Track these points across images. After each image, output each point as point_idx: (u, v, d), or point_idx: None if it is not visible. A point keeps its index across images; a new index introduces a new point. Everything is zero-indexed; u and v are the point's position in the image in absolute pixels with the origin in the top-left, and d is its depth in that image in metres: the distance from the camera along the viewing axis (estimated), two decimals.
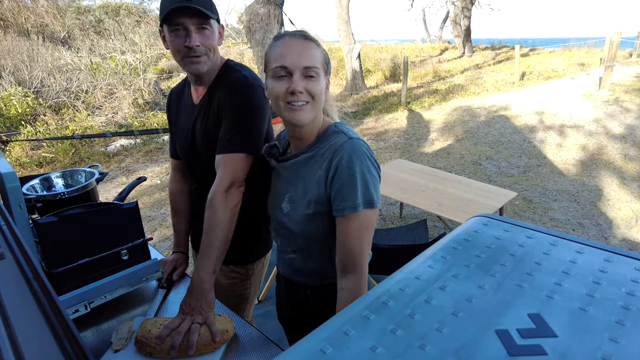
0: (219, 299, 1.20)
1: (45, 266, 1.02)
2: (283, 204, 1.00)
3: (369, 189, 0.88)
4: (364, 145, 0.91)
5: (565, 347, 0.46)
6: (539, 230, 0.72)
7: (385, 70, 10.65)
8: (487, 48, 14.70)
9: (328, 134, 0.95)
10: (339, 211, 0.89)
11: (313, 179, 0.94)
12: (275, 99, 0.90)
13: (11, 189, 0.94)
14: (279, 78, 0.88)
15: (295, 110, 0.89)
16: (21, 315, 0.48)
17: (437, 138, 6.07)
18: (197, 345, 0.92)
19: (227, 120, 1.13)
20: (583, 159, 4.97)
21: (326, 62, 0.94)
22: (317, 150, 0.95)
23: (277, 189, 1.05)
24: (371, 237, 0.93)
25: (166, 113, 1.39)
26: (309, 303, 1.07)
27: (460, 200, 2.70)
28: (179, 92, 1.32)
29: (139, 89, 8.66)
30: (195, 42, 1.07)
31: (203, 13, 1.06)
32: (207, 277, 1.04)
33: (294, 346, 0.49)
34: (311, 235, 0.97)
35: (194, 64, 1.11)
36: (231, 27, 18.63)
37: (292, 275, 1.08)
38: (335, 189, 0.89)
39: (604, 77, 7.24)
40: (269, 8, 5.48)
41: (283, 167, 1.03)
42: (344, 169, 0.87)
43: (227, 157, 1.11)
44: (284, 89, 0.88)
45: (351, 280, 0.90)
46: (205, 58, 1.11)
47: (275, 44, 0.91)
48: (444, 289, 0.57)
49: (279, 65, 0.87)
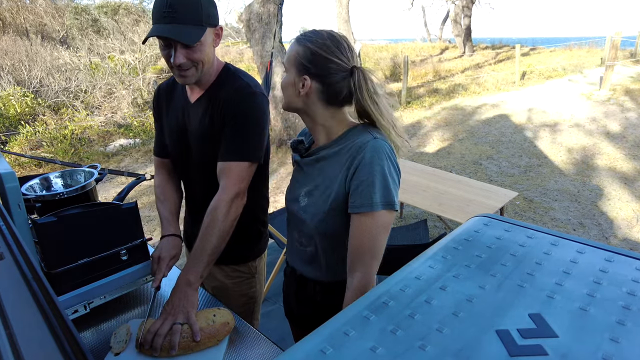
0: (225, 301, 1.20)
1: (44, 266, 1.01)
2: (301, 197, 1.02)
3: (389, 190, 0.88)
4: (388, 147, 0.91)
5: (566, 347, 0.46)
6: (540, 230, 0.72)
7: (386, 69, 10.65)
8: (487, 47, 14.69)
9: (355, 133, 0.97)
10: (355, 208, 0.89)
11: (334, 175, 0.95)
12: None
13: (10, 189, 0.94)
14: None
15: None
16: (20, 315, 0.48)
17: (438, 138, 6.07)
18: (201, 338, 0.93)
19: (231, 128, 1.12)
20: (584, 158, 4.97)
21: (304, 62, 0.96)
22: (342, 147, 0.96)
23: (297, 182, 1.08)
24: (386, 239, 0.92)
25: (153, 109, 1.35)
26: (317, 300, 1.07)
27: (460, 200, 2.70)
28: (168, 89, 1.29)
29: (138, 88, 8.66)
30: (179, 60, 1.05)
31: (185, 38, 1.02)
32: (194, 280, 1.04)
33: (294, 346, 0.49)
34: (325, 231, 0.98)
35: (180, 77, 1.10)
36: (230, 26, 18.61)
37: (302, 268, 1.09)
38: (354, 185, 0.89)
39: (605, 77, 7.24)
40: (268, 7, 5.48)
41: (306, 162, 1.05)
42: (365, 166, 0.87)
43: (233, 165, 1.11)
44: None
45: (358, 279, 0.90)
46: (193, 71, 1.09)
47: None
48: (444, 289, 0.57)
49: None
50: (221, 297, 1.26)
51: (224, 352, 0.94)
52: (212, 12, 1.09)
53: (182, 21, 1.02)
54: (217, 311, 1.01)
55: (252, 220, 1.28)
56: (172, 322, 0.95)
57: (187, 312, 0.98)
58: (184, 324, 0.96)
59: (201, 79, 1.15)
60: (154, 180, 1.37)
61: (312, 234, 1.01)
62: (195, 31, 1.04)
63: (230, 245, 1.13)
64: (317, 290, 1.07)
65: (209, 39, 1.10)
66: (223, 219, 1.08)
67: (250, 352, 0.96)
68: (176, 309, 0.98)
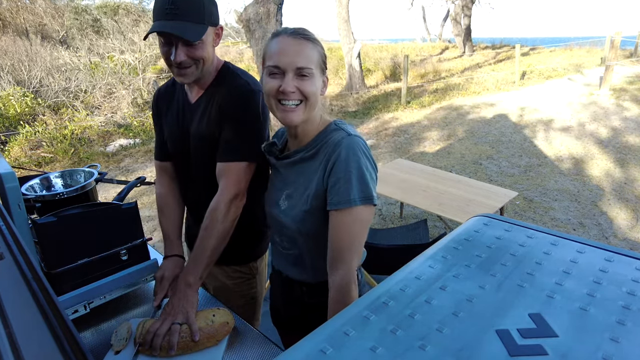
0: (226, 301, 1.20)
1: (44, 266, 1.01)
2: (280, 201, 1.01)
3: (367, 185, 0.88)
4: (362, 142, 0.91)
5: (566, 347, 0.46)
6: (540, 230, 0.72)
7: (385, 69, 10.65)
8: (487, 47, 14.69)
9: (328, 132, 0.96)
10: (333, 205, 0.89)
11: (312, 175, 0.94)
12: (267, 96, 0.92)
13: (10, 189, 0.94)
14: (273, 76, 0.90)
15: (287, 110, 0.90)
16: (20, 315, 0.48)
17: (438, 137, 6.07)
18: (200, 338, 0.93)
19: (229, 127, 1.12)
20: (584, 158, 4.97)
21: (323, 62, 0.94)
22: (317, 148, 0.95)
23: (275, 186, 1.06)
24: (365, 234, 0.92)
25: (152, 113, 1.34)
26: (305, 301, 1.07)
27: (460, 200, 2.70)
28: (168, 91, 1.29)
29: (138, 88, 8.66)
30: (180, 57, 1.04)
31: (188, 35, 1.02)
32: (193, 282, 1.04)
33: (294, 346, 0.49)
34: (308, 232, 0.97)
35: (180, 76, 1.09)
36: (230, 26, 18.60)
37: (288, 270, 1.08)
38: (331, 182, 0.89)
39: (605, 77, 7.23)
40: (268, 7, 5.48)
41: (282, 165, 1.04)
42: (341, 163, 0.87)
43: (232, 166, 1.11)
44: (275, 87, 0.89)
45: (340, 277, 0.89)
46: (193, 69, 1.08)
47: (272, 42, 0.92)
48: (444, 289, 0.57)
49: (273, 65, 0.89)
50: (222, 297, 1.26)
51: (223, 352, 0.94)
52: (214, 11, 1.09)
53: (184, 18, 1.02)
54: (216, 311, 1.01)
55: (253, 221, 1.28)
56: (171, 322, 0.95)
57: (186, 312, 0.98)
58: (183, 324, 0.96)
59: (200, 78, 1.14)
60: (156, 188, 1.36)
61: (295, 236, 1.00)
62: (198, 29, 1.04)
63: (231, 246, 1.13)
64: (304, 291, 1.06)
65: (210, 38, 1.10)
66: (222, 220, 1.08)
67: (250, 352, 0.96)
68: (176, 309, 0.98)
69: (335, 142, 0.91)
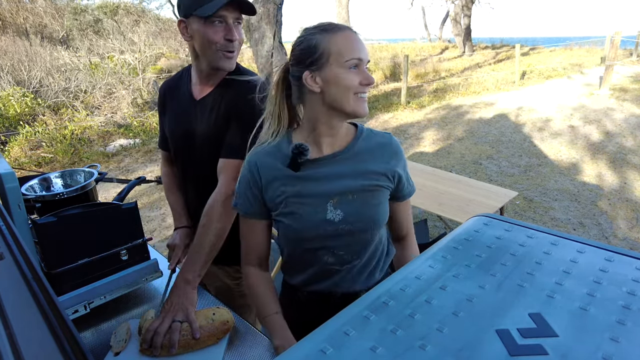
0: (227, 301, 1.20)
1: (44, 267, 1.01)
2: (329, 213, 0.92)
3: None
4: None
5: (566, 346, 0.46)
6: (540, 230, 0.72)
7: (385, 69, 10.65)
8: (487, 47, 14.69)
9: (366, 132, 0.99)
10: (405, 197, 1.04)
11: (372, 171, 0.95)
12: (347, 90, 0.88)
13: (10, 189, 0.94)
14: (355, 69, 0.88)
15: (363, 101, 0.91)
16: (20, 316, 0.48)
17: (438, 137, 6.07)
18: (200, 336, 0.93)
19: (234, 125, 1.12)
20: (584, 158, 4.97)
21: None
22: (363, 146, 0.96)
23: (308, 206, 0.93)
24: None
25: (158, 103, 1.35)
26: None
27: (460, 199, 2.70)
28: (174, 85, 1.29)
29: (138, 88, 8.65)
30: (236, 36, 1.08)
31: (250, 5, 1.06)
32: (192, 279, 1.05)
33: (294, 346, 0.49)
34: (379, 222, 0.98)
35: (227, 59, 1.10)
36: None
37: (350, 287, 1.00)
38: (402, 180, 1.00)
39: (605, 76, 7.23)
40: (267, 7, 5.48)
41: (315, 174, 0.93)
42: (402, 162, 1.00)
43: (229, 163, 1.11)
44: (358, 80, 0.88)
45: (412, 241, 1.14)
46: (237, 53, 1.12)
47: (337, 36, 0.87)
48: (444, 289, 0.57)
49: (357, 57, 0.88)
50: (224, 297, 1.26)
51: (224, 351, 0.94)
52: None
53: None
54: (216, 310, 1.01)
55: None
56: (171, 320, 0.95)
57: (186, 310, 0.98)
58: (183, 322, 0.96)
59: (219, 74, 1.16)
60: (161, 169, 1.43)
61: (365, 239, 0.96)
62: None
63: (233, 246, 1.13)
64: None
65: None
66: (218, 218, 1.09)
67: (250, 352, 0.96)
68: (175, 307, 0.98)
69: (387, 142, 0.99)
